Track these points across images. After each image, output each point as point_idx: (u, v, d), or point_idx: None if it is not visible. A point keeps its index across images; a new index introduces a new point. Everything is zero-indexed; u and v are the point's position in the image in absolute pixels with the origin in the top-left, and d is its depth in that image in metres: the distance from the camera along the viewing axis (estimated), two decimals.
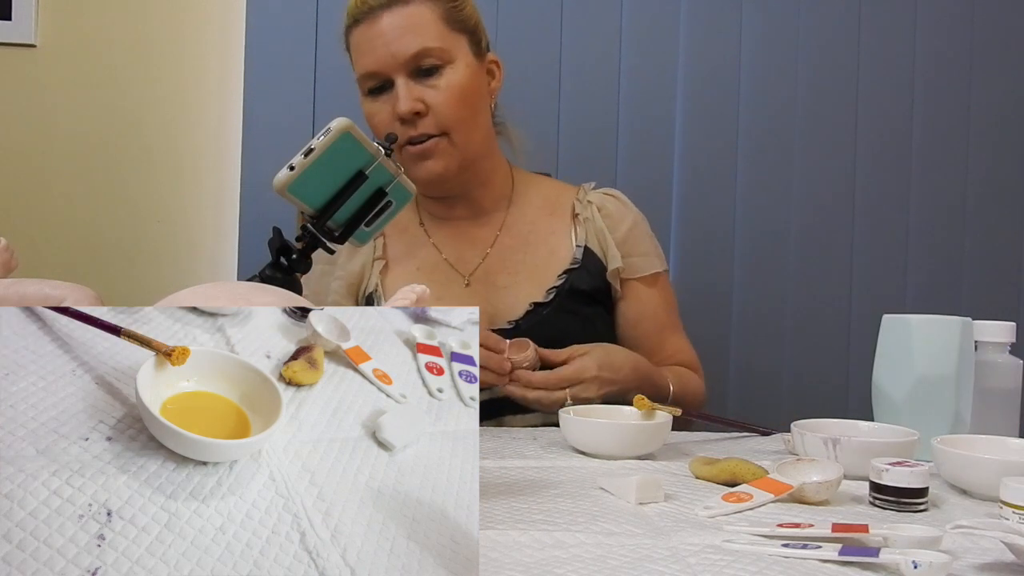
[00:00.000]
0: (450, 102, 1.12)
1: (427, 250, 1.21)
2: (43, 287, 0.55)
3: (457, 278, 1.18)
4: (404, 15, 1.10)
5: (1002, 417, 0.95)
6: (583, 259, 1.19)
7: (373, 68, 1.12)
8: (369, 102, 1.15)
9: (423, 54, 1.11)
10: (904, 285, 1.73)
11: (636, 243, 1.23)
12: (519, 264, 1.19)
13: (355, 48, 1.15)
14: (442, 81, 1.12)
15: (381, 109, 1.13)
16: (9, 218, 1.59)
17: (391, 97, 1.12)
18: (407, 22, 1.10)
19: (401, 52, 1.10)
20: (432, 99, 1.12)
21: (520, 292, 1.17)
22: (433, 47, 1.11)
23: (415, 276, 1.18)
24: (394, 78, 1.11)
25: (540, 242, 1.21)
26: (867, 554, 0.54)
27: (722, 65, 1.68)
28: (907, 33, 1.72)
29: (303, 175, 0.68)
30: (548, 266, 1.19)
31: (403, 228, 1.23)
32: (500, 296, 1.17)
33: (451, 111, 1.12)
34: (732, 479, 0.76)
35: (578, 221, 1.22)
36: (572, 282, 1.18)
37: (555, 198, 1.25)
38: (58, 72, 1.60)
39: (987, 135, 1.74)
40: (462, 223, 1.22)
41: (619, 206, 1.25)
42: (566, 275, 1.18)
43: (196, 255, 1.65)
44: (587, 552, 0.56)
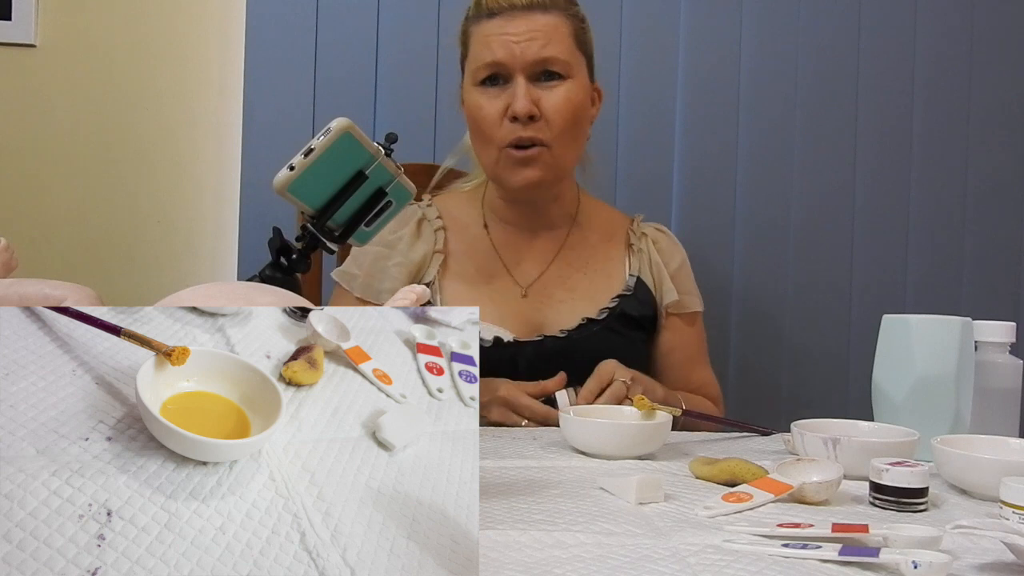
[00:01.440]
0: (563, 114, 1.15)
1: (488, 253, 1.23)
2: (43, 287, 0.55)
3: (514, 287, 1.21)
4: (541, 21, 1.14)
5: (1002, 417, 0.95)
6: (635, 287, 1.24)
7: (499, 60, 1.13)
8: (478, 92, 1.16)
9: (550, 61, 1.14)
10: (904, 285, 1.73)
11: (683, 281, 1.29)
12: (576, 282, 1.23)
13: (480, 38, 1.16)
14: (559, 92, 1.15)
15: (490, 103, 1.15)
16: (9, 218, 1.59)
17: (504, 93, 1.15)
18: (543, 28, 1.14)
19: (531, 54, 1.13)
20: (547, 106, 1.14)
21: (575, 308, 1.21)
22: (560, 58, 1.15)
23: (473, 277, 1.21)
24: (514, 76, 1.14)
25: (598, 265, 1.25)
26: (867, 554, 0.54)
27: (722, 65, 1.68)
28: (907, 33, 1.72)
29: (303, 175, 0.68)
30: (603, 289, 1.23)
31: (464, 225, 1.24)
32: (555, 308, 1.21)
33: (562, 123, 1.15)
34: (732, 479, 0.76)
35: (632, 251, 1.27)
36: (623, 307, 1.22)
37: (613, 225, 1.30)
38: (58, 72, 1.60)
39: (987, 135, 1.74)
40: (526, 233, 1.25)
41: (671, 243, 1.31)
42: (618, 299, 1.22)
43: (196, 255, 1.65)
44: (587, 552, 0.56)
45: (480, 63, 1.15)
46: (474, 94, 1.17)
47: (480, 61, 1.15)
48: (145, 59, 1.62)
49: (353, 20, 1.60)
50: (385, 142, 0.74)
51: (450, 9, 1.61)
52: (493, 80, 1.15)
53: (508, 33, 1.13)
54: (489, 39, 1.15)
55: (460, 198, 1.28)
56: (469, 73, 1.18)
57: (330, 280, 1.47)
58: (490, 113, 1.15)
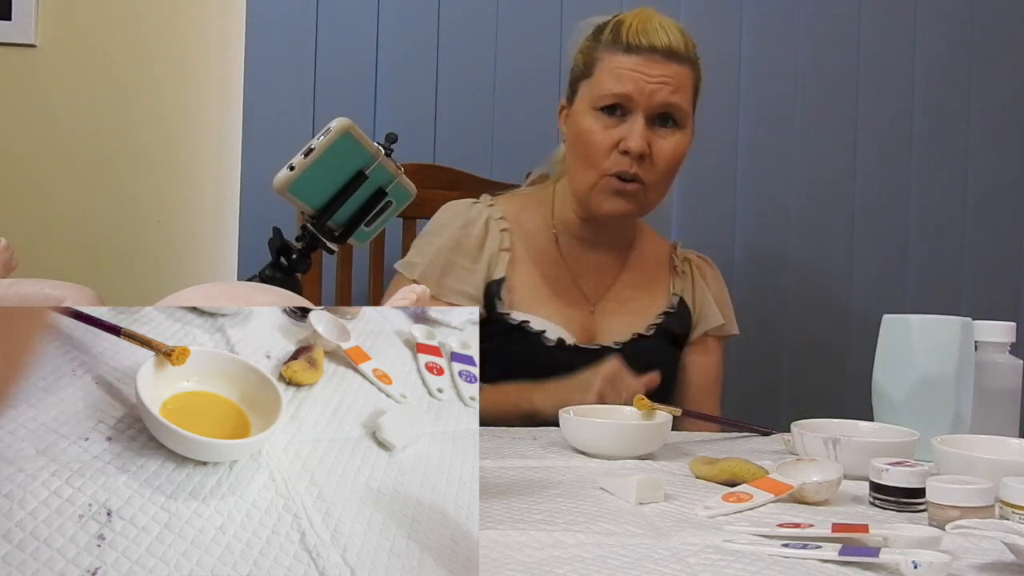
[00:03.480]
0: (669, 161, 1.19)
1: (556, 264, 1.27)
2: (43, 287, 0.55)
3: (582, 300, 1.26)
4: (673, 69, 1.17)
5: (1002, 417, 0.95)
6: (678, 307, 1.29)
7: (626, 93, 1.16)
8: (593, 118, 1.19)
9: (673, 108, 1.18)
10: (904, 285, 1.73)
11: (723, 305, 1.34)
12: (629, 300, 1.28)
13: (612, 68, 1.18)
14: (672, 140, 1.19)
15: (605, 131, 1.18)
16: (9, 218, 1.59)
17: (620, 125, 1.17)
18: (673, 75, 1.17)
19: (658, 98, 1.16)
20: (658, 150, 1.18)
21: (625, 322, 1.26)
22: (682, 107, 1.19)
23: (539, 283, 1.24)
24: (634, 112, 1.17)
25: (648, 285, 1.30)
26: (867, 554, 0.54)
27: (722, 65, 1.68)
28: (907, 33, 1.72)
29: (303, 175, 0.68)
30: (650, 307, 1.28)
31: (530, 231, 1.27)
32: (609, 321, 1.26)
33: (666, 168, 1.20)
34: (732, 479, 0.76)
35: (676, 273, 1.32)
36: (667, 325, 1.28)
37: (659, 248, 1.35)
38: (58, 72, 1.60)
39: (987, 135, 1.74)
40: (595, 250, 1.28)
41: (713, 272, 1.36)
42: (663, 317, 1.28)
43: (196, 255, 1.65)
44: (587, 552, 0.56)
45: (606, 91, 1.17)
46: (589, 118, 1.19)
47: (607, 90, 1.17)
48: (145, 59, 1.62)
49: (353, 20, 1.59)
50: (385, 142, 0.74)
51: (450, 10, 1.61)
52: (611, 109, 1.18)
53: (643, 73, 1.16)
54: (621, 72, 1.17)
55: (525, 203, 1.30)
56: (588, 97, 1.20)
57: (330, 280, 1.47)
58: (602, 140, 1.17)
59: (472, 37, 1.60)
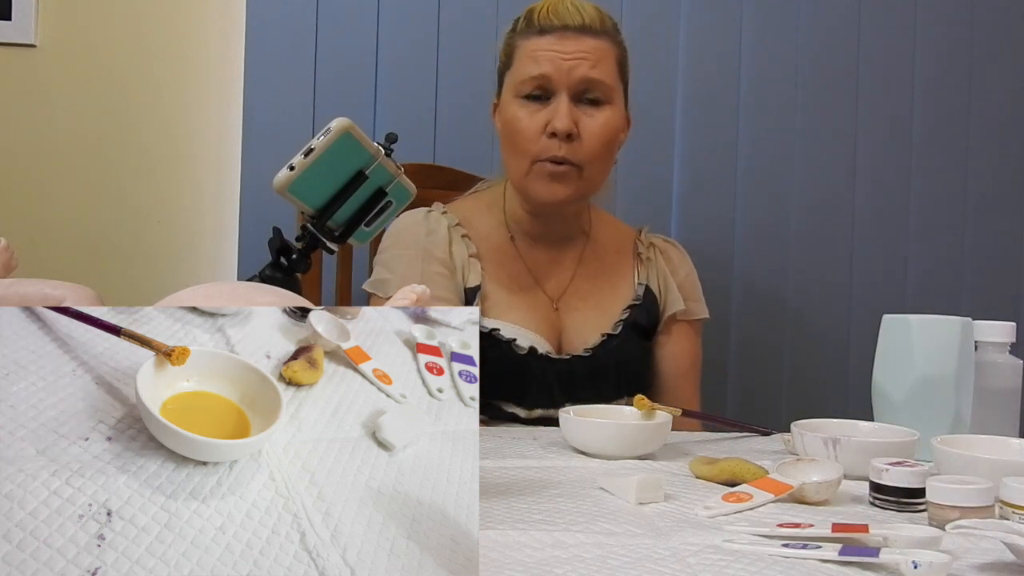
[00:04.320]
0: (600, 137, 1.16)
1: (516, 264, 1.24)
2: (43, 287, 0.55)
3: (546, 299, 1.23)
4: (590, 44, 1.15)
5: (1002, 417, 0.95)
6: (644, 297, 1.26)
7: (546, 74, 1.15)
8: (518, 105, 1.17)
9: (595, 83, 1.16)
10: (904, 285, 1.73)
11: (690, 290, 1.30)
12: (590, 294, 1.25)
13: (527, 53, 1.17)
14: (599, 116, 1.17)
15: (530, 116, 1.16)
16: (9, 218, 1.59)
17: (544, 109, 1.16)
18: (592, 50, 1.15)
19: (578, 73, 1.14)
20: (586, 127, 1.16)
21: (590, 322, 1.23)
22: (605, 82, 1.16)
23: (507, 285, 1.21)
24: (557, 93, 1.15)
25: (608, 277, 1.27)
26: (867, 554, 0.54)
27: (722, 65, 1.68)
28: (907, 33, 1.72)
29: (303, 175, 0.68)
30: (614, 300, 1.25)
31: (485, 234, 1.24)
32: (574, 320, 1.23)
33: (598, 145, 1.17)
34: (732, 479, 0.76)
35: (640, 261, 1.28)
36: (635, 317, 1.24)
37: (620, 236, 1.31)
38: (58, 72, 1.60)
39: (987, 135, 1.74)
40: (549, 246, 1.26)
41: (679, 253, 1.33)
42: (629, 310, 1.24)
43: (196, 255, 1.65)
44: (587, 552, 0.56)
45: (525, 76, 1.16)
46: (514, 106, 1.18)
47: (526, 74, 1.16)
48: (145, 59, 1.62)
49: (353, 20, 1.59)
50: (385, 142, 0.74)
51: (450, 10, 1.61)
52: (535, 96, 1.16)
53: (558, 51, 1.15)
54: (537, 54, 1.16)
55: (476, 207, 1.28)
56: (511, 85, 1.19)
57: (330, 280, 1.47)
58: (528, 126, 1.16)
59: (472, 37, 1.60)
